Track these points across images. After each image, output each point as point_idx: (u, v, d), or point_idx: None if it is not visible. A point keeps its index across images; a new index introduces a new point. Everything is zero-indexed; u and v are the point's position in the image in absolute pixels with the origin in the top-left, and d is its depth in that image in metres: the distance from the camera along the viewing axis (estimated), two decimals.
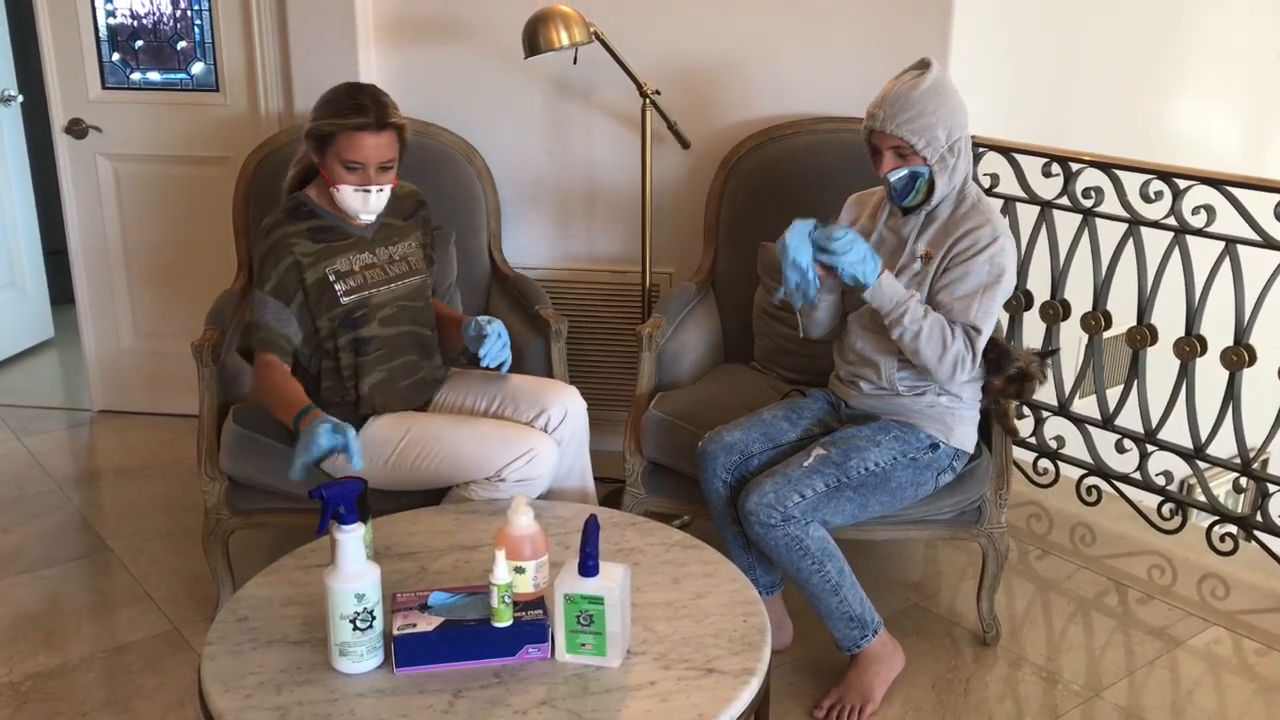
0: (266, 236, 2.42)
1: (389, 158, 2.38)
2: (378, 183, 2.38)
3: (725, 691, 1.74)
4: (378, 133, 2.34)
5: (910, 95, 2.26)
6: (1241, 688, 2.57)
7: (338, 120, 2.33)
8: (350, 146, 2.33)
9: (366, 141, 2.33)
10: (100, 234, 3.85)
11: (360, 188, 2.37)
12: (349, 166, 2.35)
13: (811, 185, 3.06)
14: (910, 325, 2.29)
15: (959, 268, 2.33)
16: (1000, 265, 2.33)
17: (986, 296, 2.33)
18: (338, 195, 2.39)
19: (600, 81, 3.31)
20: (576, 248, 3.54)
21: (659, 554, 2.13)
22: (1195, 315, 2.92)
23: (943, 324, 2.31)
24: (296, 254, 2.40)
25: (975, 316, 2.32)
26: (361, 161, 2.34)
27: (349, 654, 1.77)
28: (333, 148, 2.35)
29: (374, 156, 2.35)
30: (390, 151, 2.38)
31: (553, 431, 2.51)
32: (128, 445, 3.80)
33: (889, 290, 2.29)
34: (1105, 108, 3.92)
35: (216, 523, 2.66)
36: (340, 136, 2.33)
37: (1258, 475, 2.92)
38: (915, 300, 2.30)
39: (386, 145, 2.36)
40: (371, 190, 2.38)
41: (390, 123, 2.35)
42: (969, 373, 2.35)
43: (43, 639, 2.70)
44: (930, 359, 2.32)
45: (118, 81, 3.76)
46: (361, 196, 2.38)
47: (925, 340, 2.30)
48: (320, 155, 2.39)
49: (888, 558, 3.07)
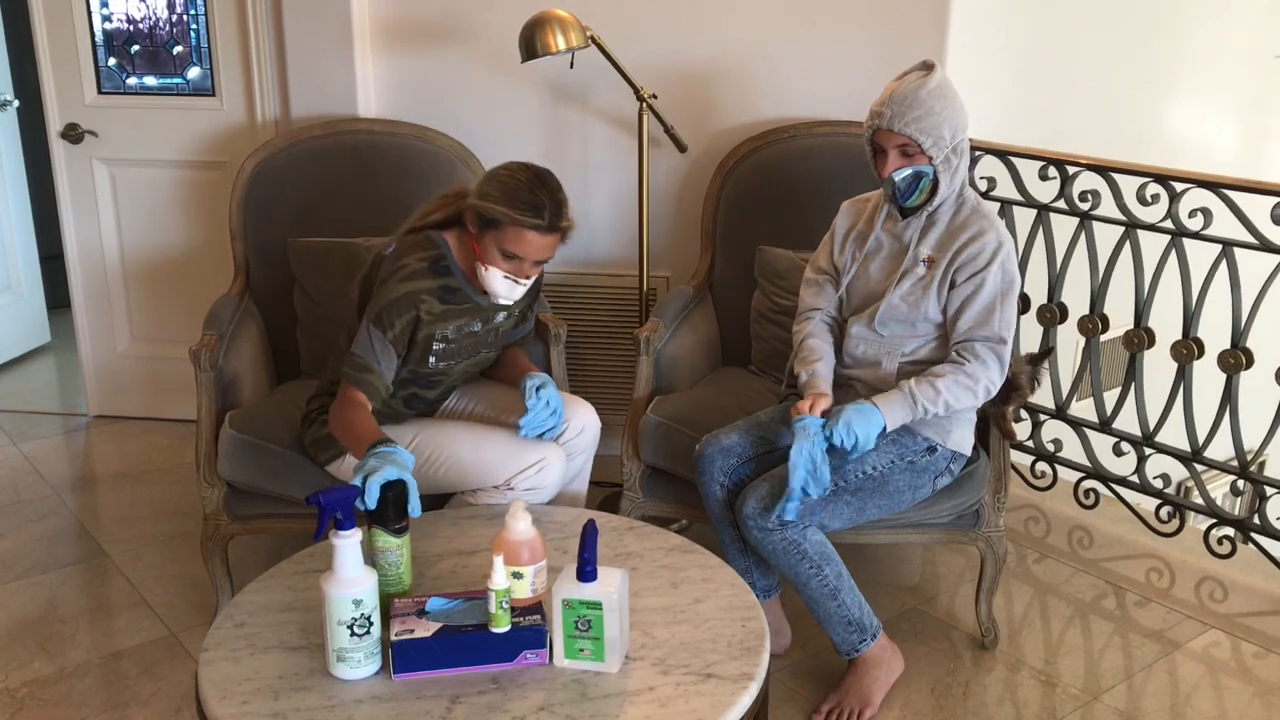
0: (402, 283, 2.32)
1: (548, 258, 2.33)
2: (530, 275, 2.33)
3: (724, 697, 1.74)
4: (547, 234, 2.27)
5: (918, 94, 2.27)
6: (1240, 690, 2.57)
7: (513, 214, 2.24)
8: (517, 241, 2.25)
9: (535, 241, 2.26)
10: (96, 239, 3.85)
11: (510, 276, 2.31)
12: (507, 256, 2.28)
13: (808, 189, 3.06)
14: (934, 405, 2.32)
15: (971, 280, 2.34)
16: (1010, 271, 2.36)
17: (1005, 305, 2.35)
18: (484, 274, 2.32)
19: (597, 85, 3.31)
20: (574, 252, 3.53)
21: (657, 558, 2.13)
22: (1192, 318, 2.93)
23: (953, 377, 2.32)
24: (421, 311, 2.33)
25: (999, 328, 2.34)
26: (522, 256, 2.28)
27: (347, 660, 1.77)
28: (497, 233, 2.27)
29: (535, 254, 2.29)
30: (552, 252, 2.32)
31: (566, 444, 2.51)
32: (124, 450, 3.79)
33: (898, 411, 2.31)
34: (1102, 111, 3.93)
35: (215, 528, 2.65)
36: (509, 228, 2.25)
37: (1255, 478, 2.92)
38: (916, 391, 2.30)
39: (551, 246, 2.30)
40: (522, 282, 2.33)
41: (562, 228, 2.29)
42: (1000, 381, 2.37)
43: (39, 645, 2.70)
44: (969, 404, 2.36)
45: (114, 86, 3.75)
46: (509, 285, 2.32)
47: (956, 400, 2.33)
48: (479, 231, 2.30)
49: (886, 561, 3.07)
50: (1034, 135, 3.24)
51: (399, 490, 1.97)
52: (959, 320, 2.36)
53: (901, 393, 2.32)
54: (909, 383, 2.33)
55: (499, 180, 2.28)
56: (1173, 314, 2.95)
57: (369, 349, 2.31)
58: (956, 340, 2.37)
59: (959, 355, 2.35)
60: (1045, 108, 3.70)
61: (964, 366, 2.33)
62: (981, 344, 2.34)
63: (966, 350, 2.35)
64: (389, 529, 1.94)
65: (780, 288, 2.94)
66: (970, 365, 2.33)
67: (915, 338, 2.41)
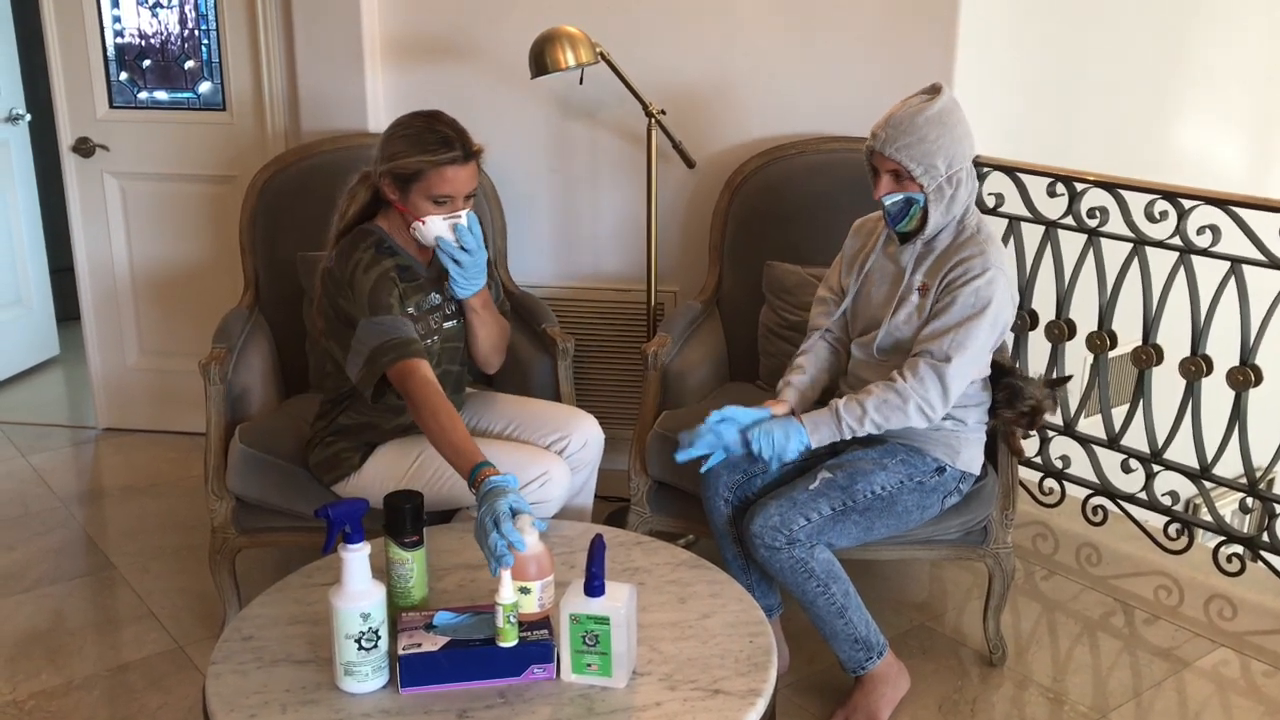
0: (368, 270, 2.30)
1: (474, 187, 2.33)
2: (463, 210, 2.33)
3: (731, 713, 1.73)
4: (465, 163, 2.28)
5: (914, 120, 2.24)
6: (1250, 709, 2.56)
7: (426, 157, 2.25)
8: (441, 181, 2.26)
9: (458, 175, 2.27)
10: (107, 252, 3.86)
11: (449, 217, 2.31)
12: (438, 200, 2.29)
13: (816, 204, 3.06)
14: (860, 425, 2.31)
15: (945, 298, 2.31)
16: (986, 297, 2.28)
17: (966, 328, 2.28)
18: (423, 229, 2.31)
19: (606, 101, 3.32)
20: (581, 266, 3.54)
21: (664, 574, 2.12)
22: (1201, 335, 2.92)
23: (881, 396, 2.30)
24: (399, 288, 2.33)
25: (949, 347, 2.28)
26: (452, 194, 2.29)
27: (354, 674, 1.77)
28: (420, 184, 2.27)
29: (463, 188, 2.30)
30: (475, 180, 2.33)
31: (570, 457, 2.51)
32: (133, 463, 3.80)
33: (823, 430, 2.33)
34: (1110, 128, 3.93)
35: (223, 541, 2.66)
36: (430, 173, 2.26)
37: (1264, 495, 2.91)
38: (840, 408, 2.31)
39: (473, 174, 2.31)
40: (461, 217, 2.32)
41: (475, 151, 2.31)
42: (945, 407, 2.32)
43: (46, 657, 2.70)
44: (899, 423, 2.32)
45: (125, 100, 3.77)
46: (447, 226, 2.32)
47: (884, 419, 2.30)
48: (402, 192, 2.30)
49: (893, 577, 3.06)
50: (1042, 151, 3.24)
51: (416, 503, 1.97)
52: (920, 332, 2.34)
53: (830, 411, 2.33)
54: (838, 402, 2.33)
55: (399, 137, 2.29)
56: (1181, 331, 2.94)
57: (390, 330, 2.25)
58: (911, 352, 2.34)
59: (897, 372, 2.32)
60: (1053, 124, 3.70)
61: (894, 385, 2.30)
62: (925, 360, 2.29)
63: (908, 366, 2.31)
64: (401, 542, 1.94)
65: (788, 303, 2.95)
66: (901, 384, 2.29)
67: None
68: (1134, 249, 3.00)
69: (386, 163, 2.30)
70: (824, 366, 2.52)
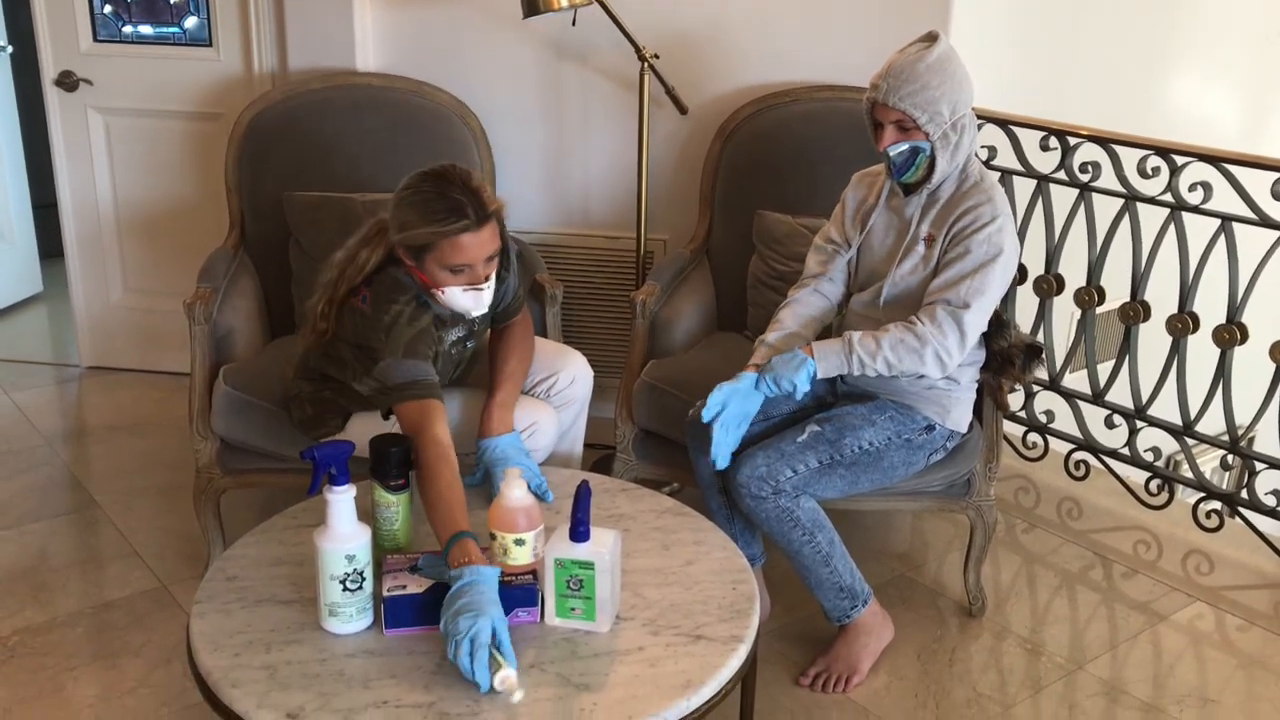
0: (411, 324, 2.15)
1: (495, 250, 2.15)
2: (486, 276, 2.16)
3: (713, 658, 1.75)
4: (479, 230, 2.09)
5: (915, 68, 2.22)
6: (1223, 662, 2.60)
7: (435, 228, 2.07)
8: (455, 251, 2.08)
9: (471, 243, 2.08)
10: (90, 188, 3.82)
11: (470, 288, 2.14)
12: (455, 270, 2.11)
13: (808, 154, 3.04)
14: (872, 360, 2.27)
15: (957, 248, 2.30)
16: (998, 244, 2.28)
17: (982, 275, 2.27)
18: (443, 298, 2.16)
19: (598, 44, 3.28)
20: (571, 212, 3.52)
21: (649, 520, 2.13)
22: (1189, 292, 2.93)
23: (898, 335, 2.27)
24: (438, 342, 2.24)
25: (965, 293, 2.27)
26: (469, 264, 2.11)
27: (338, 614, 1.77)
28: (432, 255, 2.10)
29: (480, 255, 2.11)
30: (495, 243, 2.14)
31: (557, 395, 2.50)
32: (117, 402, 3.79)
33: (832, 359, 2.29)
34: (1104, 82, 3.91)
35: (208, 482, 2.65)
36: (441, 244, 2.08)
37: (1245, 453, 2.93)
38: (854, 340, 2.28)
39: (491, 239, 2.12)
40: (484, 289, 2.16)
41: (490, 214, 2.11)
42: (961, 355, 2.30)
43: (30, 594, 2.70)
44: (913, 368, 2.29)
45: (109, 34, 3.71)
46: (473, 296, 2.15)
47: (898, 360, 2.27)
48: (417, 262, 2.13)
49: (874, 528, 3.08)
50: (1035, 105, 3.22)
51: (404, 447, 1.97)
52: (932, 282, 2.31)
53: (842, 342, 2.29)
54: (853, 334, 2.29)
55: (408, 204, 2.11)
56: (1169, 288, 2.95)
57: (418, 373, 2.12)
58: (925, 301, 2.31)
59: (915, 317, 2.29)
60: (1047, 77, 3.67)
61: (913, 328, 2.27)
62: (942, 307, 2.27)
63: (925, 312, 2.29)
64: (387, 485, 1.94)
65: (778, 253, 2.93)
66: (921, 327, 2.27)
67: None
68: (1125, 205, 2.99)
69: (398, 233, 2.12)
70: (806, 320, 2.45)
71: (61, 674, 2.42)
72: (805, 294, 2.49)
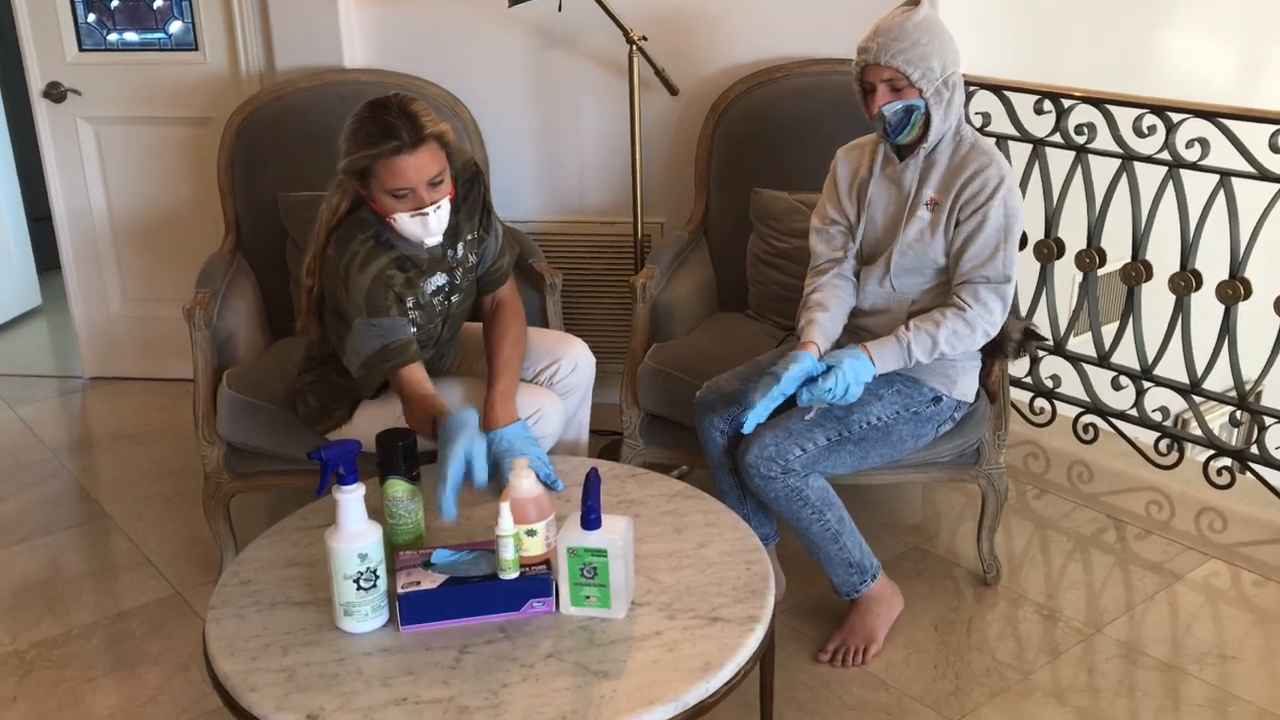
0: (362, 270, 2.20)
1: (436, 172, 2.14)
2: (433, 201, 2.16)
3: (731, 639, 1.75)
4: (415, 151, 2.10)
5: (904, 26, 2.22)
6: (1240, 619, 2.59)
7: (369, 151, 2.09)
8: (392, 174, 2.11)
9: (407, 165, 2.10)
10: (84, 199, 3.81)
11: (416, 213, 2.15)
12: (397, 195, 2.13)
13: (802, 129, 3.02)
14: (928, 356, 2.30)
15: (973, 217, 2.29)
16: (1014, 206, 2.30)
17: (1009, 242, 2.30)
18: (396, 226, 2.18)
19: (586, 28, 3.26)
20: (566, 199, 3.51)
21: (660, 505, 2.13)
22: (1190, 250, 2.91)
23: (952, 326, 2.28)
24: (395, 287, 2.24)
25: (1003, 265, 2.29)
26: (409, 187, 2.12)
27: (354, 614, 1.77)
28: (374, 180, 2.13)
29: (418, 177, 2.12)
30: (436, 165, 2.14)
31: (560, 383, 2.50)
32: (121, 411, 3.79)
33: (890, 363, 2.30)
34: (1096, 42, 3.88)
35: (217, 487, 2.65)
36: (377, 167, 2.11)
37: (1253, 408, 2.92)
38: (914, 344, 2.28)
39: (429, 161, 2.13)
40: (429, 212, 2.16)
41: (426, 135, 2.11)
42: (1001, 323, 2.34)
43: (45, 607, 2.70)
44: (966, 350, 2.34)
45: (95, 43, 3.69)
46: (420, 222, 2.16)
47: (952, 349, 2.31)
48: (365, 189, 2.17)
49: (886, 501, 3.08)
50: (1028, 69, 3.20)
51: (410, 440, 1.96)
52: (962, 258, 2.31)
53: (898, 344, 2.30)
54: (907, 333, 2.30)
55: (348, 132, 2.15)
56: (1170, 246, 2.93)
57: (386, 334, 2.20)
58: (959, 280, 2.32)
59: (960, 299, 2.30)
60: (1039, 41, 3.65)
61: (964, 314, 2.29)
62: (984, 285, 2.29)
63: (968, 294, 2.30)
64: (405, 476, 1.94)
65: (776, 230, 2.92)
66: (970, 311, 2.29)
67: (923, 283, 2.39)
68: (1122, 165, 2.98)
69: (341, 161, 2.17)
70: (845, 303, 2.44)
71: (80, 685, 2.42)
72: (830, 279, 2.45)
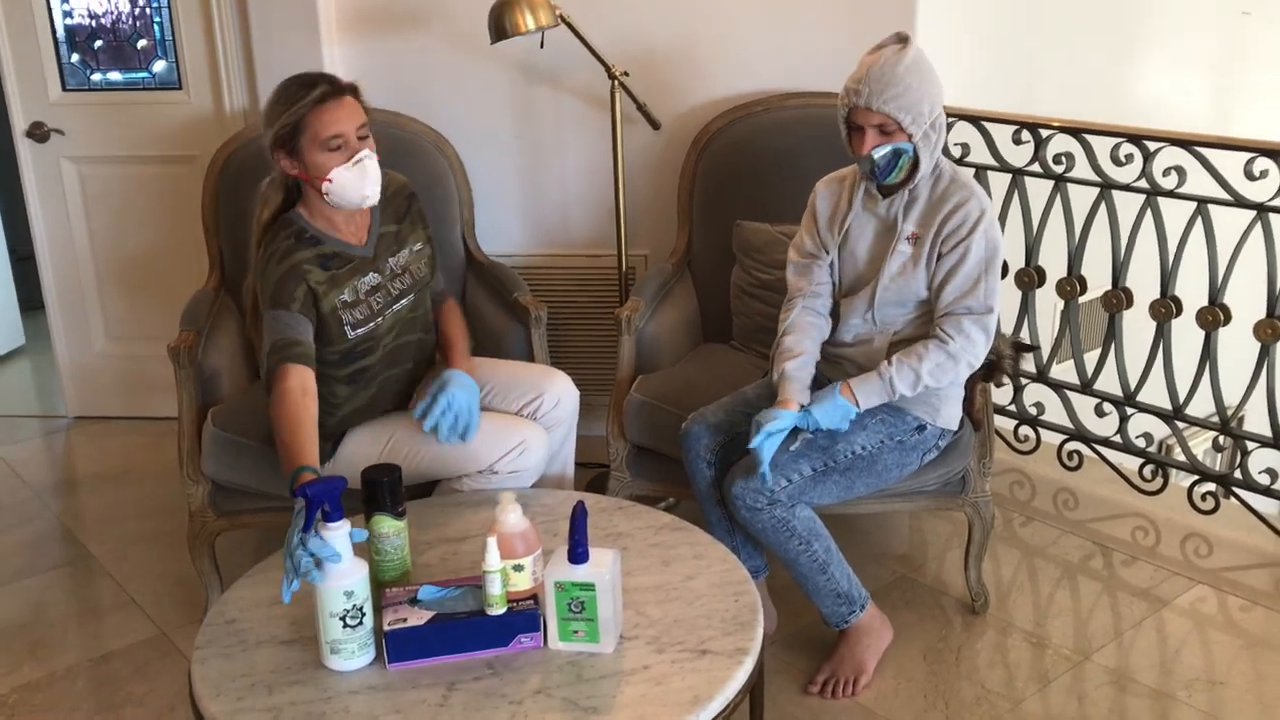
0: (280, 262, 2.27)
1: (361, 121, 2.28)
2: (360, 149, 2.26)
3: (720, 672, 1.74)
4: (340, 99, 2.25)
5: (895, 70, 2.22)
6: (1228, 644, 2.60)
7: (300, 105, 2.22)
8: (323, 123, 2.22)
9: (337, 111, 2.23)
10: (68, 238, 3.80)
11: (352, 162, 2.25)
12: (331, 146, 2.23)
13: (783, 162, 3.05)
14: (911, 391, 2.31)
15: (955, 250, 2.30)
16: (994, 238, 2.31)
17: (990, 273, 2.30)
18: (332, 187, 2.25)
19: (568, 65, 3.28)
20: (551, 233, 3.52)
21: (647, 537, 2.13)
22: (1170, 276, 2.94)
23: (934, 360, 2.29)
24: (310, 282, 2.26)
25: (986, 297, 2.30)
26: (341, 133, 2.23)
27: (340, 651, 1.76)
28: (306, 135, 2.23)
29: (349, 123, 2.24)
30: (359, 114, 2.28)
31: (544, 417, 2.50)
32: (105, 451, 3.77)
33: (872, 394, 2.31)
34: (1073, 73, 3.93)
35: (201, 526, 2.64)
36: (309, 119, 2.22)
37: (1236, 433, 2.94)
38: (896, 380, 2.29)
39: (353, 108, 2.27)
40: (364, 157, 2.26)
41: (345, 85, 2.27)
42: (984, 354, 2.34)
43: (27, 650, 2.68)
44: (949, 382, 2.34)
45: (78, 83, 3.70)
46: (358, 171, 2.25)
47: (935, 381, 2.31)
48: (295, 155, 2.26)
49: (873, 531, 3.08)
50: (1007, 100, 3.24)
51: (394, 476, 1.96)
52: (944, 291, 2.32)
53: (880, 379, 2.31)
54: (889, 368, 2.31)
55: (270, 103, 2.29)
56: (1150, 273, 2.96)
57: (283, 328, 2.23)
58: (942, 312, 2.32)
59: (943, 332, 2.31)
60: (1016, 72, 3.69)
61: (946, 345, 2.30)
62: (966, 317, 2.30)
63: (951, 326, 2.30)
64: (391, 513, 1.94)
65: (759, 262, 2.94)
66: (953, 344, 2.29)
67: (905, 316, 2.40)
68: (1101, 193, 3.01)
69: (269, 130, 2.26)
70: (817, 340, 2.44)
71: None
72: (799, 314, 2.45)
